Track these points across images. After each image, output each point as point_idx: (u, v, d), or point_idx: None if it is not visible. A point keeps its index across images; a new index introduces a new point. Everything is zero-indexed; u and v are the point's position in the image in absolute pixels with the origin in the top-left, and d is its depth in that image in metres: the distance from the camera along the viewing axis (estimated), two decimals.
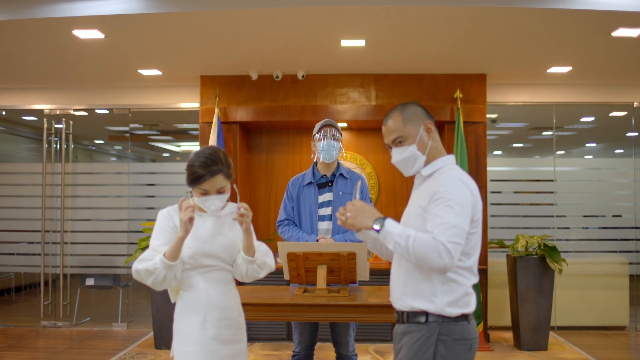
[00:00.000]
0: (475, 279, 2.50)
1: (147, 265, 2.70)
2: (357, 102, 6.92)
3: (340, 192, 4.23)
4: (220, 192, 2.84)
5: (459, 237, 2.31)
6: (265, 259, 3.00)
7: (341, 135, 4.30)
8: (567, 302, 7.13)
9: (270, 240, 7.20)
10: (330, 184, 4.28)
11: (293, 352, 4.21)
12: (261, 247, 3.03)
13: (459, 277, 2.43)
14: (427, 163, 2.56)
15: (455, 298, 2.41)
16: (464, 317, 2.43)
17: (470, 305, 2.46)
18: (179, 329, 2.84)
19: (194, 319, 2.80)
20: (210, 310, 2.83)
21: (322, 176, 4.32)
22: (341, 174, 4.29)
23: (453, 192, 2.36)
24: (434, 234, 2.29)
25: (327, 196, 4.26)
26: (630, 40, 5.42)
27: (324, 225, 4.27)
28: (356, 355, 4.21)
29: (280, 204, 4.45)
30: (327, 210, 4.28)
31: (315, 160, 4.35)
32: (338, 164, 4.36)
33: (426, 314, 2.40)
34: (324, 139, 4.22)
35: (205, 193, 2.80)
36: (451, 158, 2.59)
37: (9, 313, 8.23)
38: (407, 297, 2.47)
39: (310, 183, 4.31)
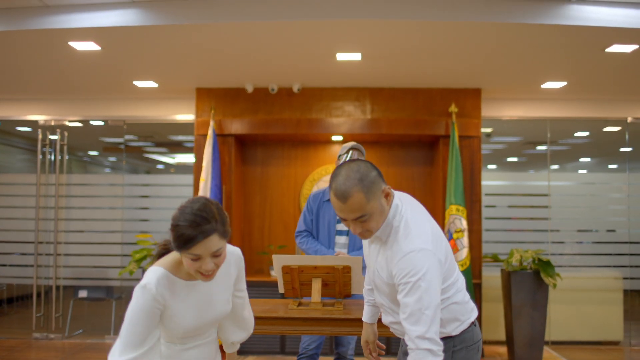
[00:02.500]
0: (463, 286, 2.52)
1: None
2: (352, 115, 6.93)
3: None
4: (215, 255, 2.21)
5: (433, 318, 2.21)
6: (249, 326, 2.65)
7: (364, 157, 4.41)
8: (561, 316, 7.13)
9: (265, 253, 7.19)
10: None
11: (299, 352, 4.37)
12: (245, 314, 2.63)
13: (456, 297, 2.45)
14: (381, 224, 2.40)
15: (464, 316, 2.48)
16: (472, 323, 2.51)
17: (473, 313, 2.52)
18: None
19: None
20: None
21: None
22: None
23: (416, 272, 2.23)
24: (409, 345, 2.23)
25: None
26: (624, 56, 5.46)
27: (341, 240, 4.43)
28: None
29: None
30: (344, 226, 4.40)
31: None
32: None
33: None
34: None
35: (197, 259, 2.19)
36: (396, 207, 2.40)
37: (0, 325, 8.17)
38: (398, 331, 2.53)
39: (329, 200, 4.37)
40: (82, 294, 7.54)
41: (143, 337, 2.23)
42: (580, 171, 8.61)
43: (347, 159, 4.38)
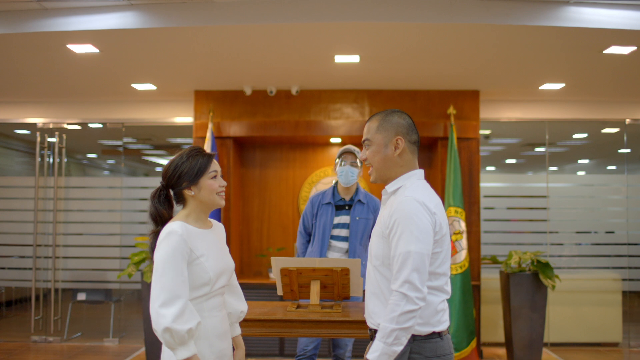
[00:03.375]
0: (445, 296, 2.50)
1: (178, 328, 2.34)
2: (350, 117, 6.94)
3: (357, 218, 4.52)
4: (221, 175, 2.66)
5: (419, 265, 2.31)
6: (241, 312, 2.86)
7: (360, 162, 4.53)
8: (560, 318, 7.13)
9: (263, 255, 7.19)
10: (347, 207, 4.57)
11: (297, 353, 4.44)
12: (236, 283, 2.86)
13: (427, 296, 2.42)
14: (393, 179, 2.56)
15: (424, 317, 2.41)
16: (436, 334, 2.44)
17: (441, 323, 2.46)
18: None
19: (197, 348, 2.48)
20: (214, 340, 2.56)
21: (341, 199, 4.58)
22: (359, 200, 4.56)
23: (408, 217, 2.36)
24: (393, 285, 2.34)
25: (343, 218, 4.57)
26: (622, 57, 5.47)
27: (341, 245, 4.55)
28: None
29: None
30: (343, 232, 4.57)
31: (335, 182, 4.68)
32: (357, 188, 4.64)
33: None
34: (342, 165, 4.50)
35: (215, 175, 2.58)
36: (416, 173, 2.57)
37: None
38: (375, 316, 2.49)
39: (328, 203, 4.58)
40: (81, 296, 7.53)
41: (179, 281, 2.39)
42: (579, 173, 8.62)
43: (342, 164, 4.52)
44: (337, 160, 4.57)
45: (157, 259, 2.42)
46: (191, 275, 2.47)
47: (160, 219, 2.61)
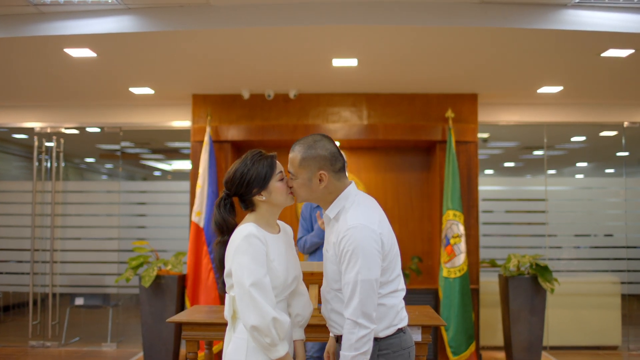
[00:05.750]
0: (402, 292, 2.61)
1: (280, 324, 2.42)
2: (348, 121, 6.93)
3: None
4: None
5: (368, 292, 2.40)
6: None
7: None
8: (559, 321, 7.11)
9: None
10: None
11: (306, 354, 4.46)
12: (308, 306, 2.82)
13: (386, 301, 2.52)
14: (330, 203, 2.59)
15: (388, 321, 2.53)
16: (400, 330, 2.57)
17: (403, 320, 2.59)
18: None
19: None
20: (291, 343, 2.57)
21: None
22: None
23: (355, 246, 2.41)
24: (345, 313, 2.43)
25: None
26: (620, 60, 5.46)
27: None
28: None
29: None
30: None
31: None
32: None
33: None
34: None
35: (282, 177, 2.61)
36: (350, 192, 2.58)
37: None
38: (336, 324, 2.60)
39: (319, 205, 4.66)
40: (79, 301, 7.51)
41: (267, 281, 2.42)
42: (577, 176, 8.63)
43: None
44: None
45: (241, 263, 2.43)
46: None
47: (227, 227, 2.61)
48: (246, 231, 2.46)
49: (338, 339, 2.67)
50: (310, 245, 4.74)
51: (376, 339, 2.50)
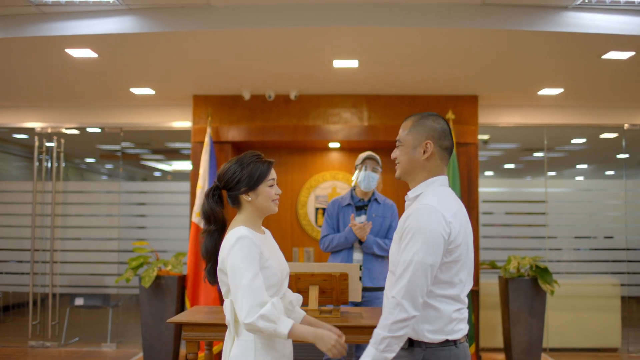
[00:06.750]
0: (461, 305, 2.48)
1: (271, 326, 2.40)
2: (349, 122, 6.93)
3: (374, 215, 4.78)
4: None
5: (420, 274, 2.31)
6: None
7: (381, 168, 4.82)
8: (559, 323, 7.11)
9: None
10: (365, 207, 4.82)
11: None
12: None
13: (439, 304, 2.41)
14: (416, 182, 2.54)
15: (437, 325, 2.40)
16: (451, 342, 2.42)
17: (456, 331, 2.43)
18: None
19: (275, 353, 2.52)
20: (287, 342, 2.58)
21: (360, 200, 4.87)
22: (375, 199, 4.83)
23: (420, 225, 2.35)
24: (392, 291, 2.36)
25: (362, 218, 4.81)
26: (621, 62, 5.46)
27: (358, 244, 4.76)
28: None
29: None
30: None
31: (353, 186, 4.91)
32: (373, 190, 4.88)
33: (409, 340, 2.40)
34: (364, 170, 4.74)
35: (273, 184, 2.62)
36: (438, 179, 2.53)
37: None
38: None
39: (349, 205, 4.83)
40: (79, 301, 7.50)
41: (260, 283, 2.43)
42: (578, 178, 8.63)
43: (364, 169, 4.75)
44: (359, 165, 4.79)
45: (233, 265, 2.45)
46: (262, 278, 2.50)
47: (214, 217, 2.65)
48: (238, 234, 2.50)
49: None
50: (336, 245, 4.71)
51: (423, 343, 2.40)
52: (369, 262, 4.68)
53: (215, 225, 2.64)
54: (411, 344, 2.40)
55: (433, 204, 2.39)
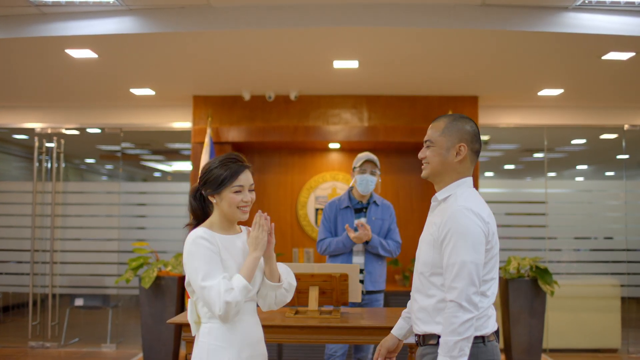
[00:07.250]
0: (487, 301, 2.49)
1: (235, 295, 2.40)
2: (349, 123, 6.93)
3: (373, 218, 4.71)
4: (250, 189, 2.62)
5: (473, 274, 2.35)
6: (290, 280, 2.75)
7: (379, 170, 4.76)
8: (559, 324, 7.10)
9: None
10: (364, 210, 4.74)
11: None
12: (282, 268, 2.76)
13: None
14: (444, 183, 2.57)
15: None
16: (479, 338, 2.44)
17: (484, 327, 2.45)
18: None
19: (226, 356, 2.50)
20: (244, 346, 2.54)
21: (358, 202, 4.78)
22: (374, 201, 4.76)
23: (463, 227, 2.39)
24: (447, 296, 2.36)
25: (362, 220, 4.66)
26: (621, 63, 5.47)
27: (358, 247, 4.68)
28: None
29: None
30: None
31: (350, 187, 4.85)
32: (371, 192, 4.81)
33: (438, 336, 2.41)
34: (362, 173, 4.67)
35: (239, 190, 2.56)
36: (466, 181, 2.57)
37: None
38: (419, 322, 2.52)
39: (347, 207, 4.74)
40: (79, 302, 7.50)
41: (215, 268, 2.44)
42: (578, 178, 8.63)
43: (362, 172, 4.68)
44: (356, 167, 4.71)
45: (192, 266, 2.46)
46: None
47: (202, 213, 2.67)
48: (193, 235, 2.51)
49: (418, 340, 2.55)
50: (334, 250, 4.61)
51: None
52: (370, 266, 4.62)
53: (197, 221, 2.66)
54: (439, 340, 2.40)
55: (469, 205, 2.44)
